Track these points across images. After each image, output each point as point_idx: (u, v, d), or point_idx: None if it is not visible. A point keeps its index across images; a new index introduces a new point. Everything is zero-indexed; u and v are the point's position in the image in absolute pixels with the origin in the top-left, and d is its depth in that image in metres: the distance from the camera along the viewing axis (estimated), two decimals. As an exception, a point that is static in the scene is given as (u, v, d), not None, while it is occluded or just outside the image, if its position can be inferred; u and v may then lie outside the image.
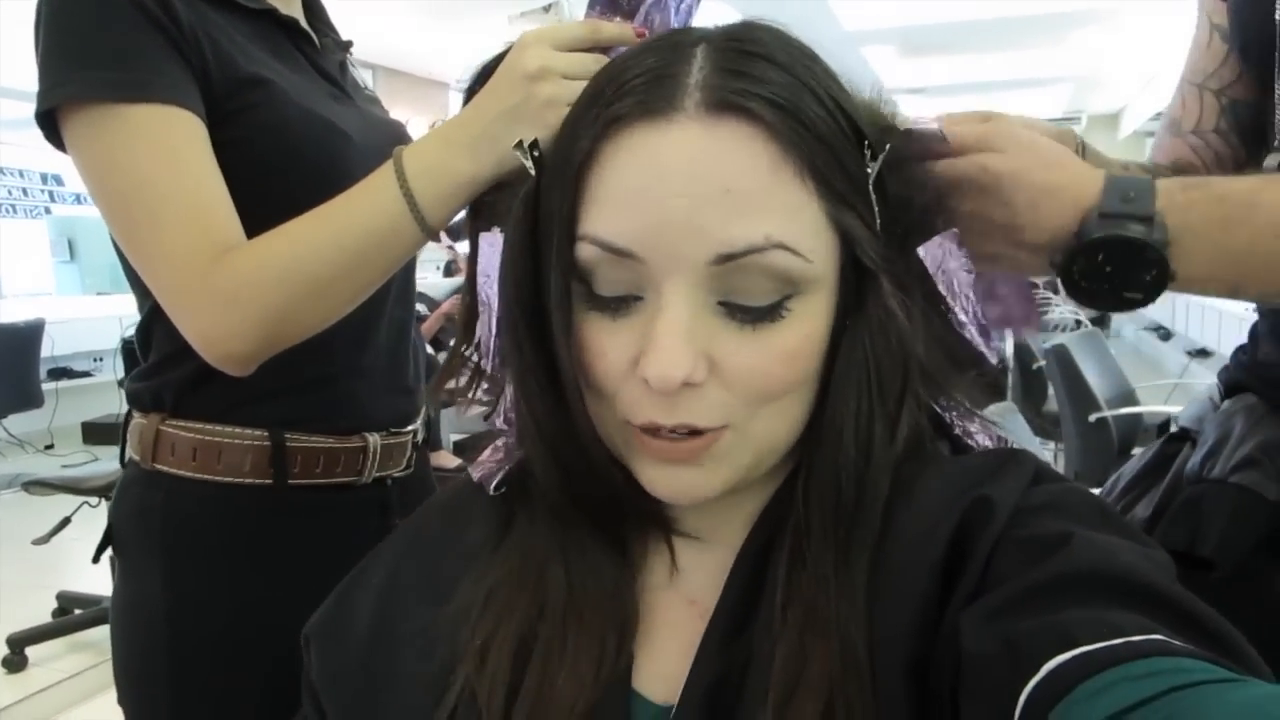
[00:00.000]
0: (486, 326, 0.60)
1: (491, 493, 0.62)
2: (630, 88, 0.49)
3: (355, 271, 0.76)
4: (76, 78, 0.79)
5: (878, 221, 0.52)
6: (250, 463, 0.92)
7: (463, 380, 0.62)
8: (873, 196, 0.51)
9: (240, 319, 0.75)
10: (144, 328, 0.95)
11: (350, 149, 0.92)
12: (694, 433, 0.49)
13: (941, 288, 0.57)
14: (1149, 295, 0.58)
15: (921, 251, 0.55)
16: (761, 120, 0.47)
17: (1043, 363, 3.89)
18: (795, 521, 0.52)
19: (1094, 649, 0.38)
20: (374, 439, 1.00)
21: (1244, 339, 0.89)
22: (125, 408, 0.99)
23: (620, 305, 0.50)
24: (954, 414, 0.58)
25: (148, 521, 0.93)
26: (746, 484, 0.53)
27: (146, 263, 0.81)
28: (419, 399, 1.09)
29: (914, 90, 8.37)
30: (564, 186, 0.50)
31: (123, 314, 5.56)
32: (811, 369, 0.50)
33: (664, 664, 0.54)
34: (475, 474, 0.64)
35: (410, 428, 1.06)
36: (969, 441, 0.58)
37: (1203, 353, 6.11)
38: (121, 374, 4.99)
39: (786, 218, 0.47)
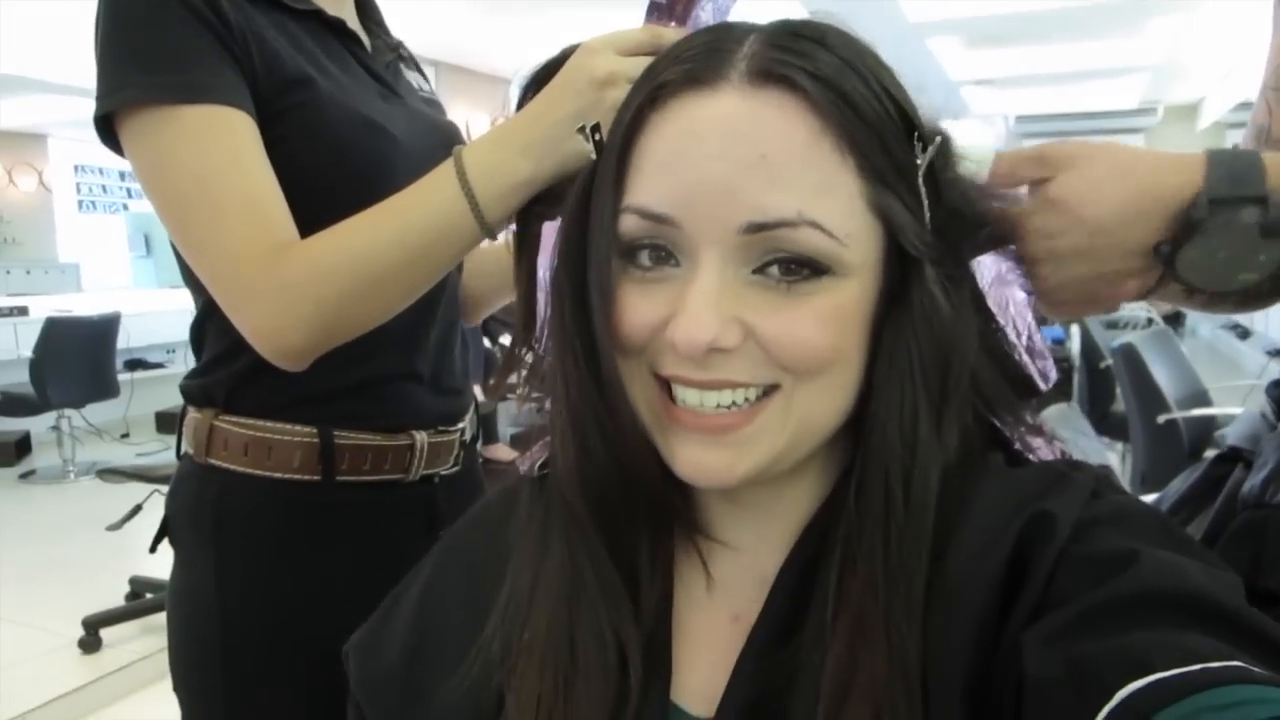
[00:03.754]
0: (543, 310, 0.61)
1: (536, 473, 0.62)
2: (680, 59, 0.51)
3: (412, 267, 0.78)
4: (134, 82, 0.81)
5: (927, 216, 0.51)
6: (300, 459, 0.94)
7: (521, 375, 0.63)
8: (922, 190, 0.51)
9: (297, 313, 0.77)
10: (198, 325, 0.98)
11: (395, 149, 0.93)
12: (732, 406, 0.49)
13: (993, 305, 0.56)
14: (1262, 276, 0.56)
15: (975, 266, 0.54)
16: (802, 90, 0.47)
17: (1110, 361, 3.78)
18: (847, 526, 0.51)
19: (1169, 675, 0.36)
20: (421, 437, 1.01)
21: None
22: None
23: (656, 270, 0.51)
24: (1019, 429, 0.57)
25: (200, 514, 0.96)
26: (779, 470, 0.52)
27: (205, 260, 0.83)
28: (467, 398, 1.10)
29: (981, 82, 8.19)
30: (611, 157, 0.52)
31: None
32: (849, 344, 0.50)
33: (706, 679, 0.54)
34: (523, 466, 0.64)
35: (458, 426, 1.08)
36: (1029, 456, 0.56)
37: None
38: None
39: (821, 194, 0.48)
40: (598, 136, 0.57)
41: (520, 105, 0.74)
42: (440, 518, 1.03)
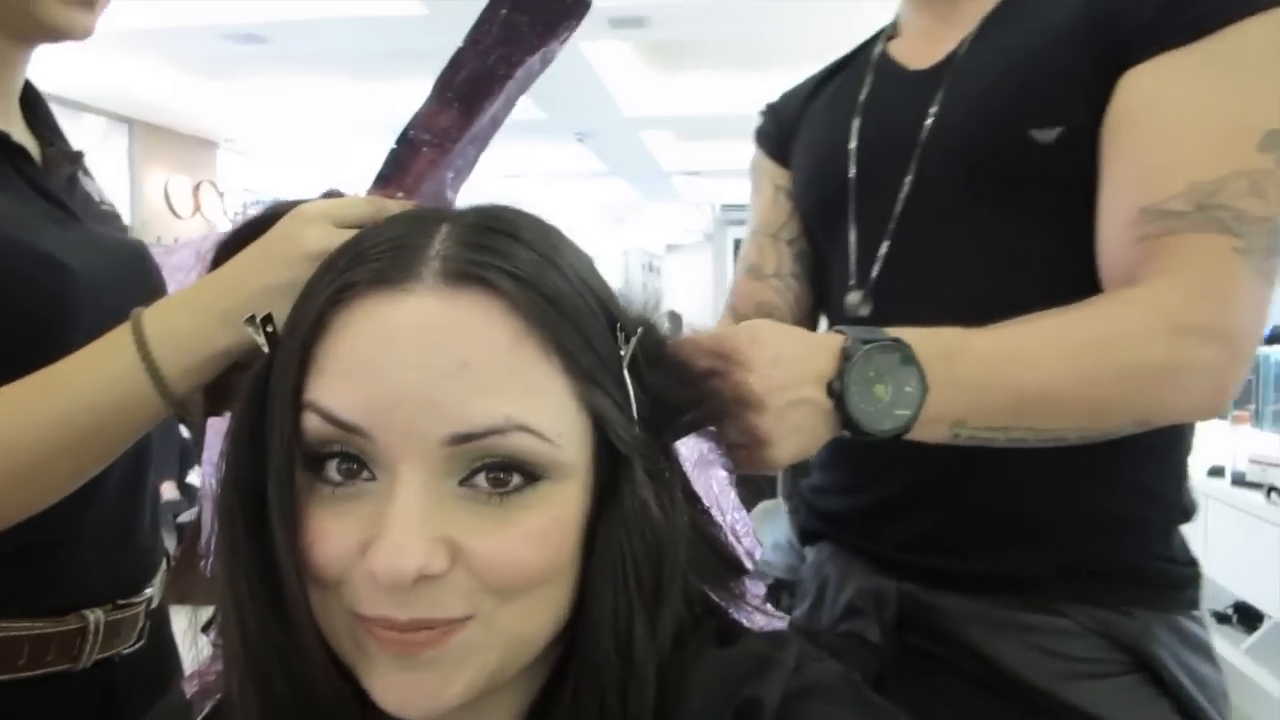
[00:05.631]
0: (209, 522, 0.53)
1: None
2: (366, 256, 0.47)
3: (77, 451, 0.65)
4: None
5: (634, 408, 0.51)
6: None
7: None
8: (629, 382, 0.51)
9: None
10: None
11: (74, 285, 0.79)
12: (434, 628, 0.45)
13: (698, 488, 0.56)
14: (914, 411, 0.63)
15: (679, 448, 0.55)
16: (502, 292, 0.45)
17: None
18: None
19: None
20: (96, 616, 0.83)
21: None
22: None
23: (349, 486, 0.46)
24: (731, 601, 0.57)
25: None
26: (492, 688, 0.49)
27: None
28: (157, 554, 0.94)
29: (690, 172, 8.79)
30: (290, 356, 0.47)
31: None
32: (564, 558, 0.47)
33: None
34: (189, 689, 0.55)
35: (144, 595, 0.91)
36: (743, 621, 0.57)
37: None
38: None
39: (529, 398, 0.45)
40: (270, 328, 0.51)
41: (216, 264, 0.67)
42: (119, 708, 0.86)
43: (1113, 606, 0.76)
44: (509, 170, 9.74)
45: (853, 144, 0.90)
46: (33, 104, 0.92)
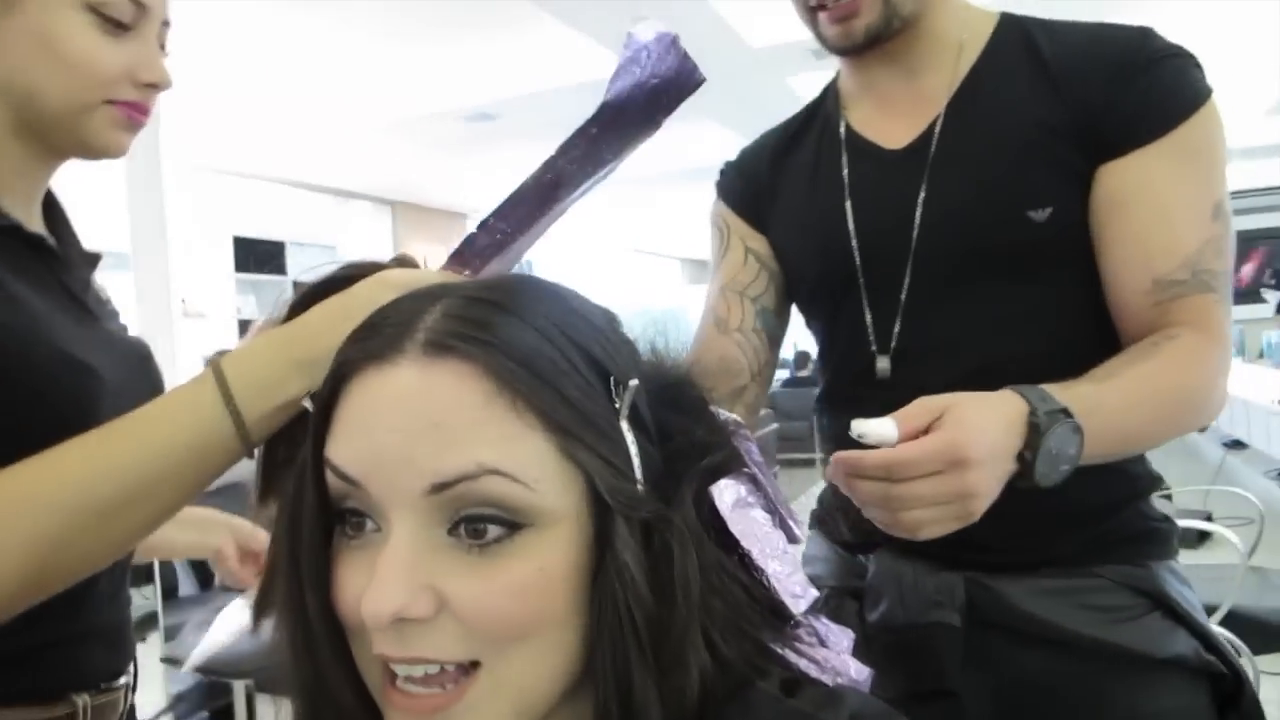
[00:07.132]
0: None
1: None
2: (368, 334, 0.53)
3: (156, 491, 0.67)
4: None
5: (635, 459, 0.51)
6: None
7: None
8: (627, 434, 0.51)
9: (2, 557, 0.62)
10: None
11: (99, 388, 0.80)
12: (443, 671, 0.48)
13: (735, 530, 0.55)
14: (1074, 465, 0.74)
15: (714, 493, 0.55)
16: (473, 358, 0.49)
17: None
18: None
19: None
20: (84, 700, 0.84)
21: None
22: None
23: (360, 537, 0.51)
24: (786, 648, 0.56)
25: None
26: None
27: None
28: (132, 645, 0.96)
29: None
30: (314, 421, 0.54)
31: None
32: (555, 609, 0.49)
33: None
34: None
35: (123, 680, 0.91)
36: (803, 670, 0.55)
37: (1238, 444, 5.93)
38: None
39: (501, 445, 0.48)
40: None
41: (293, 313, 0.70)
42: None
43: (1132, 562, 0.95)
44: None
45: (851, 227, 1.01)
46: (50, 206, 0.93)
